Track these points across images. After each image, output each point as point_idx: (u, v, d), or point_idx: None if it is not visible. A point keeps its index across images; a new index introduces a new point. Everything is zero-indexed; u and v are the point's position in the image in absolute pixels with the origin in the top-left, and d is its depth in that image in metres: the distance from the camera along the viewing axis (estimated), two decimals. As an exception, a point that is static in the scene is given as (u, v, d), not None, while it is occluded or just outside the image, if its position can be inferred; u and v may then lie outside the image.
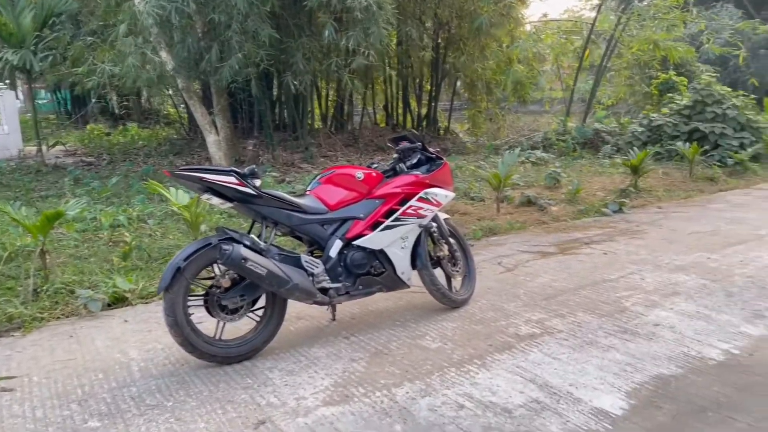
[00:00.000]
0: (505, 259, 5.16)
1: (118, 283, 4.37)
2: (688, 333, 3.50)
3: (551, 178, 8.22)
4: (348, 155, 11.17)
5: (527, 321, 3.76)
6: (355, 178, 3.64)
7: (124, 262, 5.01)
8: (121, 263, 4.99)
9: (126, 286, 4.36)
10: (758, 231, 5.77)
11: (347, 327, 3.75)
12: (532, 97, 17.10)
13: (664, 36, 12.45)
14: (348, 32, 8.74)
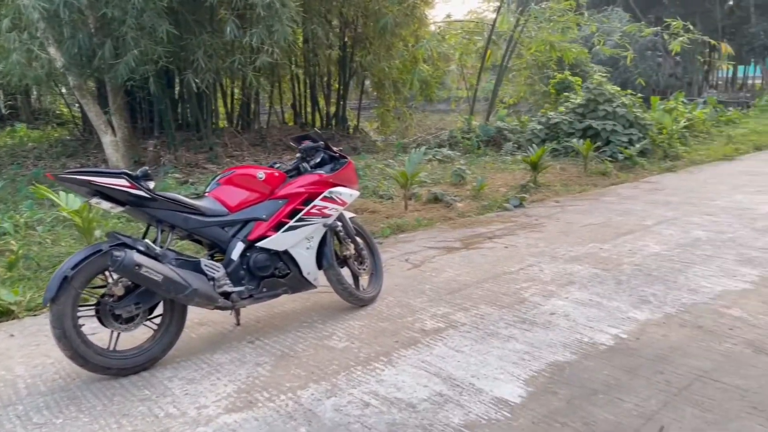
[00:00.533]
0: (413, 256, 5.23)
1: (2, 296, 4.07)
2: (581, 320, 3.68)
3: (457, 176, 8.42)
4: (255, 155, 10.95)
5: (433, 316, 3.83)
6: (256, 179, 3.57)
7: (9, 273, 4.67)
8: (7, 273, 4.65)
9: (11, 299, 4.06)
10: (645, 221, 6.17)
11: (252, 331, 3.68)
12: (439, 96, 17.48)
13: (559, 38, 13.07)
14: (251, 29, 8.57)
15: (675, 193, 7.65)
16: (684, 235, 5.60)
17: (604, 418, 2.61)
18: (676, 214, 6.43)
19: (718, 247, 5.17)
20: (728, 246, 5.18)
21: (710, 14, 34.72)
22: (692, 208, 6.72)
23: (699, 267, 4.63)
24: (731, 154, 10.93)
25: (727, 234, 5.57)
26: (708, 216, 6.30)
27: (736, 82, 40.47)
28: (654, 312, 3.79)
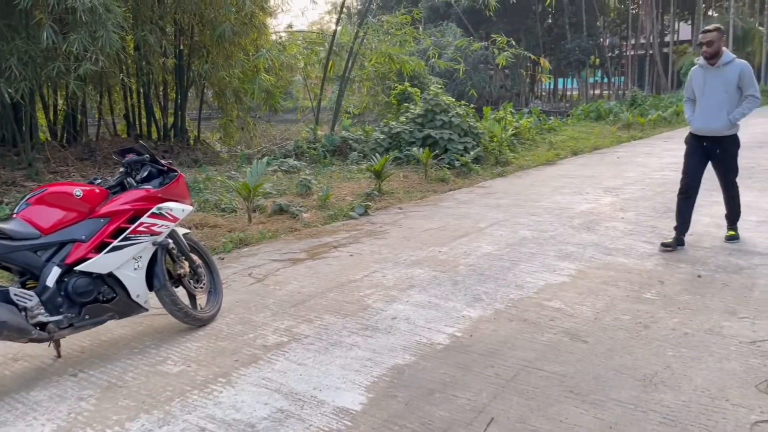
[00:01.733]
0: (256, 270, 5.11)
1: None
2: (420, 322, 3.81)
3: (303, 186, 8.39)
4: (83, 170, 10.12)
5: (275, 330, 3.75)
6: (72, 196, 3.27)
7: None
8: None
9: None
10: (479, 224, 6.56)
11: (75, 363, 3.36)
12: (284, 107, 17.35)
13: (397, 50, 13.57)
14: (72, 35, 7.92)
15: (505, 196, 8.24)
16: (512, 235, 6.04)
17: (440, 416, 2.71)
18: (506, 216, 6.91)
19: (541, 244, 5.63)
20: (550, 243, 5.66)
21: (533, 31, 38.10)
22: (519, 209, 7.27)
23: (525, 264, 5.01)
24: (553, 159, 12.00)
25: (549, 232, 6.09)
26: (533, 216, 6.85)
27: (557, 94, 44.72)
28: (486, 309, 4.02)
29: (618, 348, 3.38)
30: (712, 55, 5.09)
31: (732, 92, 5.08)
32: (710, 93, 5.15)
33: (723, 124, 5.09)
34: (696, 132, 5.33)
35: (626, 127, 17.57)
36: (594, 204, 7.45)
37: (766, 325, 3.63)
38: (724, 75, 5.09)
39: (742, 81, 5.05)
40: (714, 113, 5.12)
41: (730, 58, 5.11)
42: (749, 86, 5.05)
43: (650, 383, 2.97)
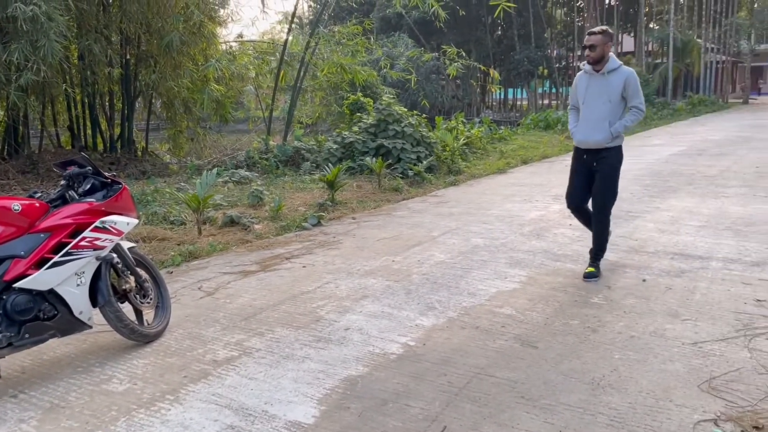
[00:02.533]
0: (206, 283, 5.01)
1: None
2: (373, 332, 3.80)
3: (254, 197, 8.29)
4: (25, 183, 9.76)
5: (226, 345, 3.68)
6: (10, 211, 3.14)
7: None
8: None
9: None
10: (432, 233, 6.61)
11: (15, 383, 3.22)
12: (235, 117, 17.16)
13: (349, 60, 13.60)
14: (12, 44, 7.65)
15: (457, 205, 8.32)
16: (465, 243, 6.10)
17: (393, 427, 2.70)
18: (458, 224, 6.98)
19: (493, 252, 5.71)
20: (501, 251, 5.75)
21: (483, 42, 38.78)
22: (471, 217, 7.36)
23: (477, 272, 5.06)
24: (504, 168, 12.20)
25: (500, 240, 6.18)
26: (484, 224, 6.94)
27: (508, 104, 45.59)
28: (439, 317, 4.04)
29: (567, 352, 3.44)
30: (595, 60, 4.62)
31: (616, 102, 4.63)
32: (593, 102, 4.71)
33: (605, 135, 4.63)
34: (578, 145, 4.89)
35: (574, 136, 18.01)
36: (543, 211, 7.60)
37: (707, 327, 3.76)
38: (609, 83, 4.63)
39: (627, 90, 4.60)
40: (596, 124, 4.67)
41: (616, 64, 4.64)
42: (634, 96, 4.61)
43: (598, 386, 3.03)
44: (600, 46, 4.57)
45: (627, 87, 4.59)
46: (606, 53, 4.61)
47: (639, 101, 4.63)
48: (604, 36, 4.59)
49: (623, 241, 5.95)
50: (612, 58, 4.63)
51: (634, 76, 4.61)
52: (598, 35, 4.56)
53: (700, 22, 38.34)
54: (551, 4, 44.16)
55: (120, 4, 10.82)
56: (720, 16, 40.07)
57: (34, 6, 7.47)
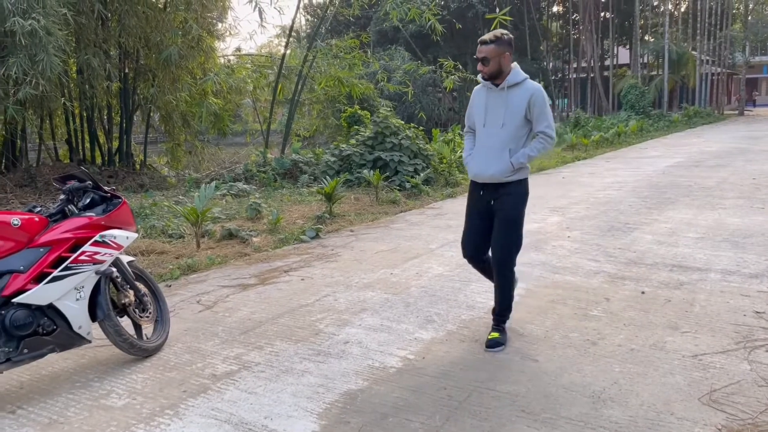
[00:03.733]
0: (205, 297, 5.00)
1: None
2: (372, 346, 3.79)
3: (252, 210, 8.30)
4: (23, 197, 9.75)
5: (225, 359, 3.67)
6: (9, 226, 3.14)
7: None
8: None
9: None
10: (430, 245, 6.61)
11: (14, 399, 3.20)
12: (233, 130, 17.21)
13: (346, 73, 13.67)
14: (10, 59, 7.68)
15: (455, 217, 8.33)
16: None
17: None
18: (456, 237, 6.92)
19: (492, 264, 5.71)
20: (500, 263, 5.74)
21: (479, 55, 38.95)
22: (470, 230, 7.36)
23: (475, 284, 5.06)
24: (501, 180, 12.23)
25: (499, 252, 6.18)
26: (483, 236, 6.95)
27: (504, 116, 45.68)
28: (438, 330, 4.04)
29: (567, 366, 3.44)
30: (491, 76, 3.68)
31: (518, 125, 3.65)
32: (491, 124, 3.73)
33: (502, 167, 3.64)
34: (473, 178, 3.89)
35: (570, 148, 18.10)
36: (541, 223, 7.61)
37: (707, 339, 3.76)
38: (510, 101, 3.65)
39: (531, 111, 3.62)
40: (493, 152, 3.68)
41: (519, 77, 3.67)
42: (541, 119, 3.63)
43: (599, 399, 3.03)
44: (494, 58, 3.63)
45: (532, 107, 3.62)
46: (505, 65, 3.66)
47: (546, 125, 3.63)
48: (498, 45, 3.62)
49: (621, 253, 5.96)
50: (515, 70, 3.68)
51: (540, 93, 3.64)
52: (491, 45, 3.62)
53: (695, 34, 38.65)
54: (547, 17, 44.51)
55: (119, 19, 10.89)
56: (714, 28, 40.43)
57: (33, 20, 7.51)
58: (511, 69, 3.68)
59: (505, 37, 3.66)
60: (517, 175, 3.69)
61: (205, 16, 12.50)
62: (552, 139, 3.69)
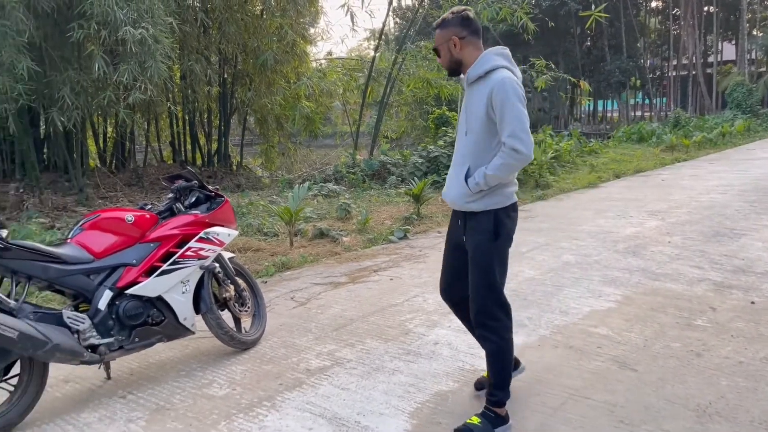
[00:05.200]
0: (298, 294, 5.15)
1: None
2: (462, 348, 3.77)
3: (342, 210, 8.47)
4: (131, 195, 10.43)
5: (318, 354, 3.77)
6: (124, 222, 3.37)
7: None
8: None
9: None
10: (519, 248, 6.48)
11: (125, 384, 3.43)
12: (323, 132, 17.62)
13: (435, 75, 13.66)
14: (122, 65, 8.23)
15: (546, 220, 8.14)
16: (555, 259, 5.95)
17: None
18: (548, 240, 6.82)
19: (585, 269, 5.53)
20: (594, 268, 5.56)
21: (571, 54, 37.86)
22: (561, 233, 7.17)
23: (569, 289, 4.92)
24: (594, 182, 11.82)
25: (593, 257, 5.98)
26: (575, 240, 6.74)
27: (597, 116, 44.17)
28: (530, 335, 3.96)
29: (669, 377, 3.28)
30: (449, 68, 2.84)
31: (481, 132, 2.69)
32: (459, 132, 2.88)
33: (459, 190, 2.76)
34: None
35: (670, 149, 17.22)
36: (639, 228, 7.29)
37: (827, 355, 3.48)
38: (471, 100, 2.75)
39: (495, 110, 2.61)
40: (454, 170, 2.83)
41: (484, 67, 2.67)
42: (504, 124, 2.58)
43: (704, 414, 2.87)
44: (443, 46, 2.76)
45: (493, 104, 2.60)
46: (459, 53, 2.73)
47: (510, 132, 2.56)
48: (444, 28, 2.75)
49: (728, 260, 5.61)
50: (481, 58, 2.70)
51: (503, 86, 2.57)
52: (437, 30, 2.79)
53: (811, 26, 35.74)
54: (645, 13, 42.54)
55: (219, 26, 11.43)
56: (833, 19, 37.24)
57: (143, 29, 8.01)
58: (480, 58, 2.70)
59: (453, 17, 2.74)
60: (482, 203, 2.70)
61: (299, 22, 12.88)
62: (517, 153, 2.54)
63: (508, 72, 2.64)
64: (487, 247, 2.72)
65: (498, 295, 2.78)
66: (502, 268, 2.81)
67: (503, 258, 2.80)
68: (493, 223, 2.70)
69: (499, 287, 2.79)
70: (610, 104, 44.30)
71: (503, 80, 2.58)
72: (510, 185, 2.75)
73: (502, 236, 2.73)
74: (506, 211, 2.73)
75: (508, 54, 2.75)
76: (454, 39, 2.71)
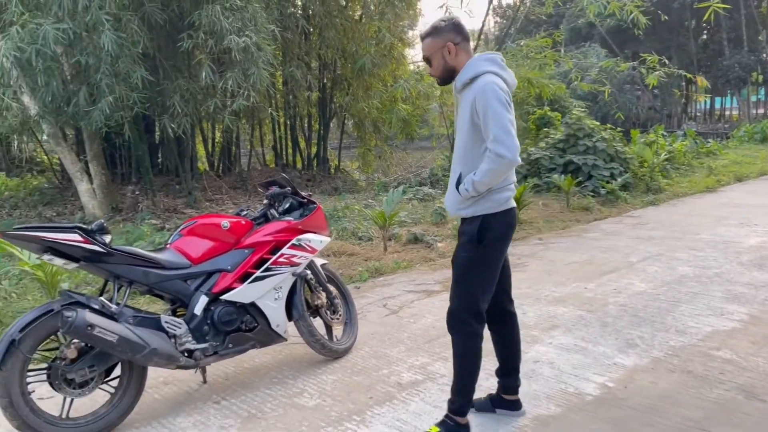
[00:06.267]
0: (391, 301, 5.05)
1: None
2: (565, 368, 3.51)
3: (438, 215, 8.31)
4: (235, 198, 10.80)
5: (410, 367, 3.64)
6: (220, 228, 3.40)
7: (-33, 332, 4.42)
8: (-35, 333, 4.40)
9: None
10: (629, 258, 6.05)
11: (219, 389, 3.46)
12: (420, 134, 17.50)
13: (536, 74, 13.17)
14: (227, 73, 8.51)
15: (658, 227, 7.57)
16: (669, 271, 5.48)
17: (591, 480, 2.43)
18: (661, 250, 6.31)
19: (705, 283, 5.04)
20: (715, 282, 5.06)
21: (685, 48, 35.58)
22: (676, 242, 6.62)
23: (686, 306, 4.49)
24: (713, 186, 10.93)
25: (713, 269, 5.46)
26: (693, 251, 6.20)
27: (714, 114, 41.24)
28: (641, 357, 3.62)
29: (809, 413, 2.86)
30: (441, 78, 2.80)
31: (468, 138, 2.66)
32: (455, 139, 2.83)
33: (453, 197, 2.76)
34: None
35: (800, 150, 15.68)
36: (765, 238, 6.60)
37: None
38: (462, 105, 2.70)
39: (479, 116, 2.56)
40: (450, 177, 2.83)
41: (469, 73, 2.64)
42: (488, 127, 2.53)
43: None
44: (435, 54, 2.73)
45: (477, 110, 2.56)
46: (453, 60, 2.70)
47: (495, 135, 2.49)
48: (436, 37, 2.73)
49: None
50: (469, 64, 2.67)
51: (485, 92, 2.53)
52: (427, 39, 2.76)
53: None
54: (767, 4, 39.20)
55: (320, 32, 11.61)
56: None
57: (246, 37, 8.24)
58: (468, 62, 2.68)
59: (445, 25, 2.72)
60: (472, 209, 2.68)
61: (397, 25, 12.87)
62: (501, 158, 2.48)
63: (492, 77, 2.60)
64: (468, 250, 2.71)
65: (472, 302, 2.73)
66: (485, 276, 2.74)
67: (487, 265, 2.73)
68: (478, 227, 2.67)
69: (476, 294, 2.72)
70: (729, 101, 41.23)
71: (484, 86, 2.55)
72: (503, 191, 2.69)
73: (487, 242, 2.67)
74: (496, 217, 2.68)
75: (497, 59, 2.71)
76: (449, 45, 2.70)
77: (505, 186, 2.70)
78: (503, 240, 2.74)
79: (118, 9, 7.65)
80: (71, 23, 7.45)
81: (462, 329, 2.78)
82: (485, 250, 2.69)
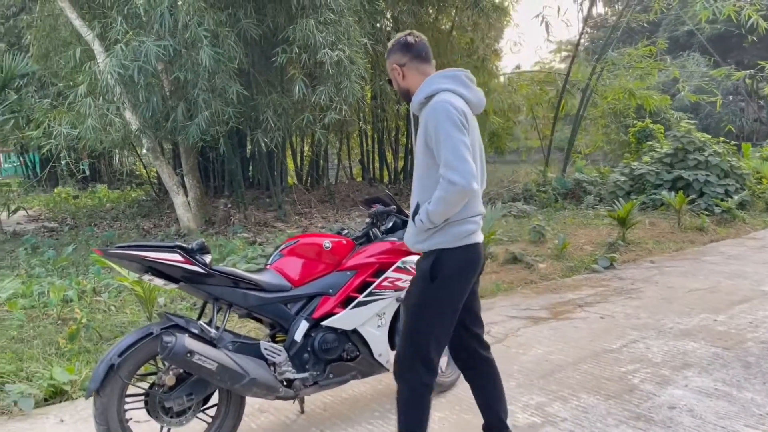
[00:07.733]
0: (494, 328, 4.69)
1: (56, 375, 3.80)
2: (709, 417, 3.03)
3: (536, 233, 7.84)
4: (324, 212, 10.76)
5: (525, 407, 3.27)
6: (322, 248, 3.19)
7: (70, 345, 4.45)
8: (67, 345, 4.43)
9: (64, 378, 3.79)
10: (761, 287, 5.40)
11: (318, 421, 3.24)
12: (509, 147, 17.02)
13: (638, 84, 12.45)
14: (320, 87, 8.47)
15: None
16: (813, 303, 4.82)
17: None
18: (797, 277, 5.62)
19: None
20: None
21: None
22: (815, 269, 5.89)
23: (844, 346, 3.88)
24: None
25: None
26: (837, 279, 5.47)
27: (829, 126, 37.99)
28: None
29: None
30: (405, 97, 2.61)
31: (422, 162, 2.44)
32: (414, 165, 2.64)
33: (409, 231, 2.54)
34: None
35: None
36: None
37: None
38: (420, 128, 2.42)
39: (432, 140, 2.33)
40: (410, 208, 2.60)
41: (423, 94, 2.42)
42: (440, 153, 2.28)
43: None
44: (392, 74, 2.59)
45: (429, 133, 2.33)
46: (405, 81, 2.54)
47: (446, 160, 2.25)
48: (389, 58, 2.59)
49: None
50: (424, 83, 2.45)
51: (437, 111, 2.30)
52: (390, 56, 2.60)
53: None
54: None
55: (410, 45, 11.43)
56: None
57: (339, 51, 8.17)
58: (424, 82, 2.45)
59: (394, 43, 2.56)
60: (427, 243, 2.42)
61: (489, 36, 12.52)
62: (453, 185, 2.21)
63: (448, 95, 2.35)
64: (418, 289, 2.44)
65: (422, 349, 2.41)
66: (438, 319, 2.42)
67: (441, 307, 2.41)
68: (431, 263, 2.39)
69: (427, 339, 2.41)
70: None
71: (435, 105, 2.32)
72: (463, 223, 2.39)
73: (440, 280, 2.37)
74: (453, 253, 2.38)
75: (460, 75, 2.47)
76: (395, 67, 2.54)
77: (466, 218, 2.39)
78: (460, 280, 2.41)
79: (215, 25, 7.77)
80: (171, 40, 7.62)
81: (408, 377, 2.45)
82: (438, 290, 2.39)
